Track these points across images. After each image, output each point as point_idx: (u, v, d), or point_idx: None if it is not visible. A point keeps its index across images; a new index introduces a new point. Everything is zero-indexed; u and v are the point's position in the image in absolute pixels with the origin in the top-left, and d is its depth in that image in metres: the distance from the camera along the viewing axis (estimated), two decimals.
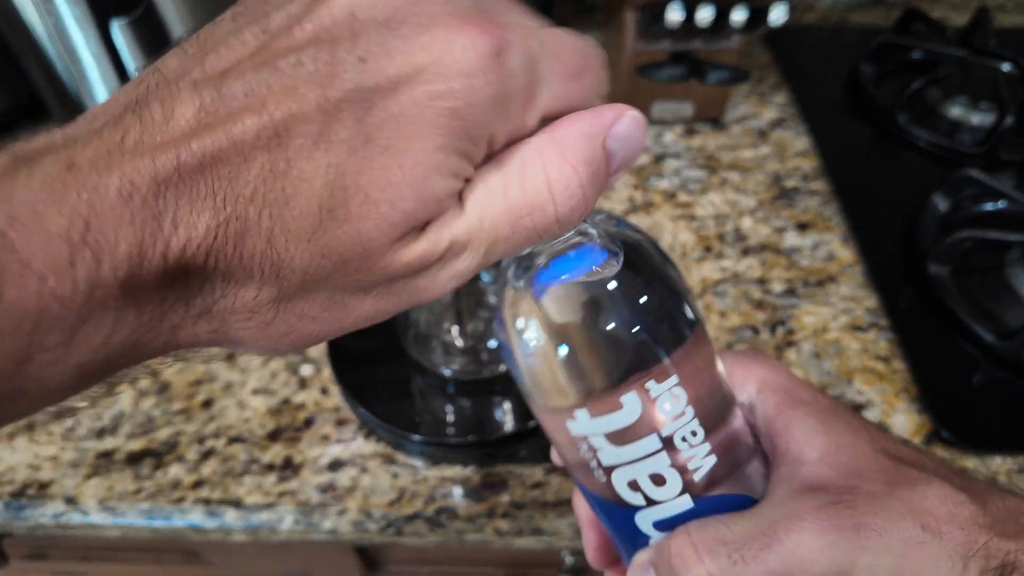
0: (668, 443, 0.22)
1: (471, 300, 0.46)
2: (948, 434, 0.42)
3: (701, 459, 0.22)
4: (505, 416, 0.42)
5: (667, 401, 0.21)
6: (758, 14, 0.54)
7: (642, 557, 0.24)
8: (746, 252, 0.53)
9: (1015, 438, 0.42)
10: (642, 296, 0.21)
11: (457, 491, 0.41)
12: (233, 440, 0.43)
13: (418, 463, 0.42)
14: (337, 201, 0.15)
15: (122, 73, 0.50)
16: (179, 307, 0.15)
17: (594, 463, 0.23)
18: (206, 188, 0.14)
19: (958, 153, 0.60)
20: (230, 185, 0.14)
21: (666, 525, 0.23)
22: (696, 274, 0.52)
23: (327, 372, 0.46)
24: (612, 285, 0.21)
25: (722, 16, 0.54)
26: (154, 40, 0.48)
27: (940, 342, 0.47)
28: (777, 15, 0.53)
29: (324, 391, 0.45)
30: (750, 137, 0.63)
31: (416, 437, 0.41)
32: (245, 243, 0.15)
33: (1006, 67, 0.60)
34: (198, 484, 0.41)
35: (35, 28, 0.49)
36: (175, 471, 0.42)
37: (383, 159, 0.15)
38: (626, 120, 0.18)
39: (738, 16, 0.54)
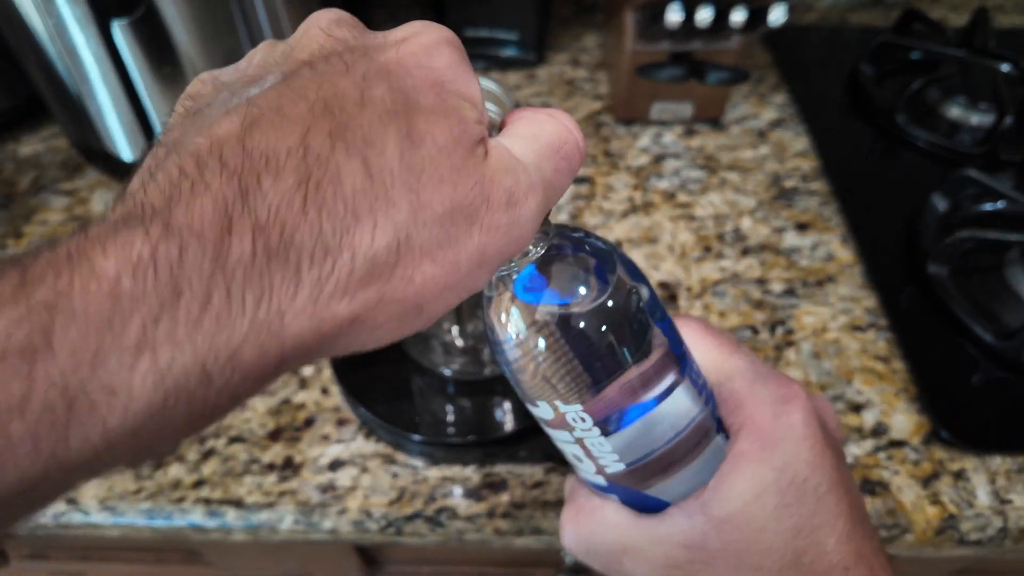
0: (579, 442, 0.24)
1: (471, 300, 0.45)
2: (947, 434, 0.42)
3: (611, 462, 0.24)
4: (505, 416, 0.42)
5: (573, 418, 0.23)
6: (758, 14, 0.54)
7: (566, 488, 0.29)
8: (745, 252, 0.53)
9: (1015, 438, 0.42)
10: (578, 332, 0.21)
11: (457, 491, 0.41)
12: (233, 440, 0.43)
13: (418, 463, 0.42)
14: (407, 128, 0.17)
15: (123, 74, 0.50)
16: (286, 280, 0.15)
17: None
18: (283, 153, 0.15)
19: (958, 153, 0.60)
20: (307, 148, 0.16)
21: (592, 485, 0.26)
22: (696, 274, 0.52)
23: (327, 372, 0.46)
24: (552, 320, 0.22)
25: (722, 16, 0.54)
26: (155, 41, 0.48)
27: (940, 342, 0.47)
28: (776, 15, 0.54)
29: (324, 391, 0.45)
30: (750, 137, 0.63)
31: (416, 437, 0.41)
32: (343, 184, 0.16)
33: (1005, 67, 0.60)
34: (198, 484, 0.41)
35: (35, 28, 0.49)
36: (175, 471, 0.42)
37: (421, 98, 0.17)
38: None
39: (738, 16, 0.54)
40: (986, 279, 0.49)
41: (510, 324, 0.22)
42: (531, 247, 0.21)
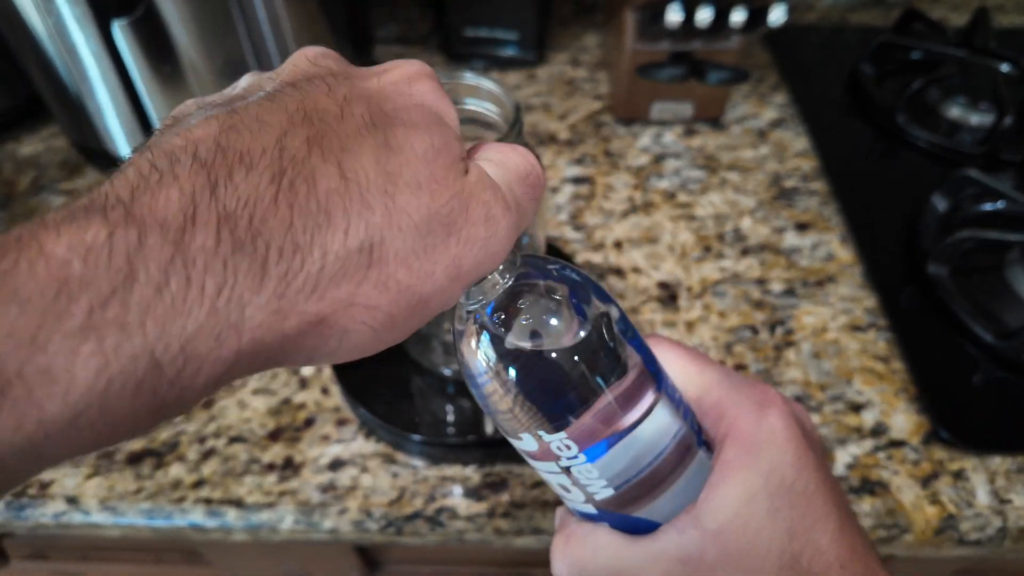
0: (566, 471, 0.23)
1: None
2: (947, 434, 0.42)
3: (599, 488, 0.23)
4: None
5: (559, 447, 0.22)
6: (758, 14, 0.54)
7: (556, 521, 0.28)
8: (746, 252, 0.53)
9: (1015, 438, 0.42)
10: (553, 363, 0.21)
11: (457, 491, 0.41)
12: (234, 440, 0.43)
13: (418, 463, 0.42)
14: (385, 137, 0.17)
15: (123, 73, 0.50)
16: (251, 272, 0.15)
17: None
18: (258, 152, 0.15)
19: (958, 153, 0.60)
20: (283, 149, 0.16)
21: (581, 515, 0.26)
22: (696, 274, 0.52)
23: (327, 372, 0.46)
24: (526, 351, 0.21)
25: (722, 16, 0.54)
26: (155, 40, 0.48)
27: (939, 342, 0.47)
28: (777, 15, 0.53)
29: (324, 391, 0.45)
30: (750, 137, 0.63)
31: (416, 437, 0.41)
32: (317, 184, 0.15)
33: (1006, 67, 0.60)
34: (199, 484, 0.41)
35: (35, 28, 0.49)
36: (176, 471, 0.42)
37: (402, 115, 0.18)
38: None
39: (738, 16, 0.54)
40: (986, 279, 0.49)
41: (481, 358, 0.22)
42: (499, 278, 0.21)
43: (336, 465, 0.42)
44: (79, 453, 0.14)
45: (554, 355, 0.21)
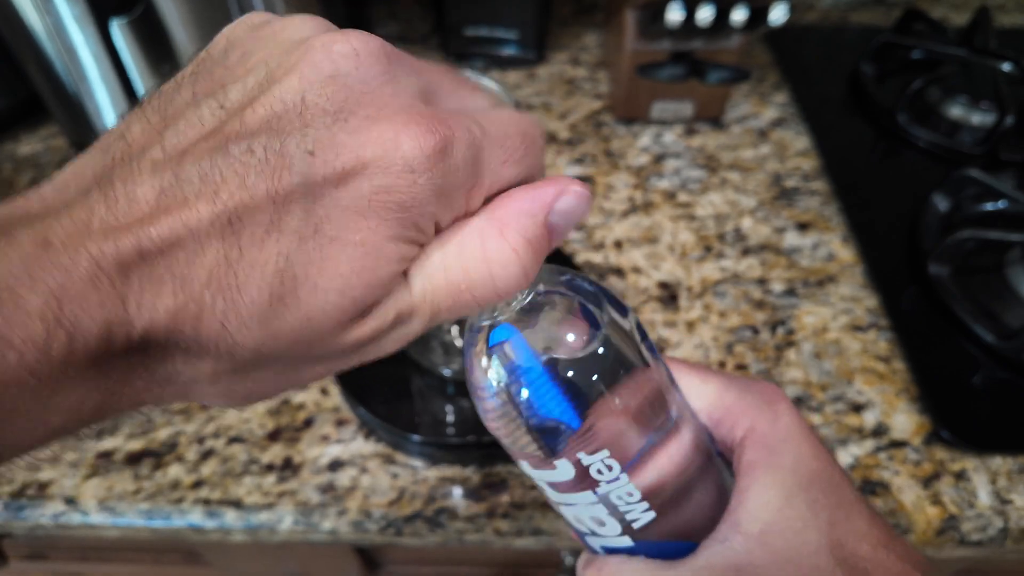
0: (604, 499, 0.22)
1: None
2: (948, 434, 0.42)
3: (639, 513, 0.23)
4: None
5: (599, 469, 0.21)
6: (758, 14, 0.54)
7: (579, 567, 0.26)
8: (746, 252, 0.53)
9: (1015, 438, 0.42)
10: (582, 378, 0.20)
11: (457, 491, 0.41)
12: (233, 440, 0.43)
13: (418, 463, 0.42)
14: (287, 289, 0.15)
15: (122, 73, 0.50)
16: (143, 376, 0.15)
17: (546, 495, 0.24)
18: (166, 272, 0.14)
19: (958, 153, 0.60)
20: (187, 269, 0.15)
21: (611, 551, 0.24)
22: (696, 274, 0.52)
23: None
24: (552, 365, 0.20)
25: (722, 16, 0.54)
26: (153, 40, 0.48)
27: (940, 342, 0.47)
28: (777, 15, 0.53)
29: (324, 391, 0.45)
30: (750, 137, 0.63)
31: (416, 437, 0.41)
32: (201, 324, 0.15)
33: (1006, 67, 0.60)
34: (197, 484, 0.41)
35: (34, 28, 0.49)
36: (175, 471, 0.42)
37: (331, 249, 0.15)
38: (569, 196, 0.18)
39: (738, 16, 0.53)
40: (987, 279, 0.49)
41: (494, 379, 0.21)
42: (515, 294, 0.20)
43: (335, 466, 0.42)
44: None
45: (571, 372, 0.20)
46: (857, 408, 0.44)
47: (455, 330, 0.45)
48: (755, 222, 0.56)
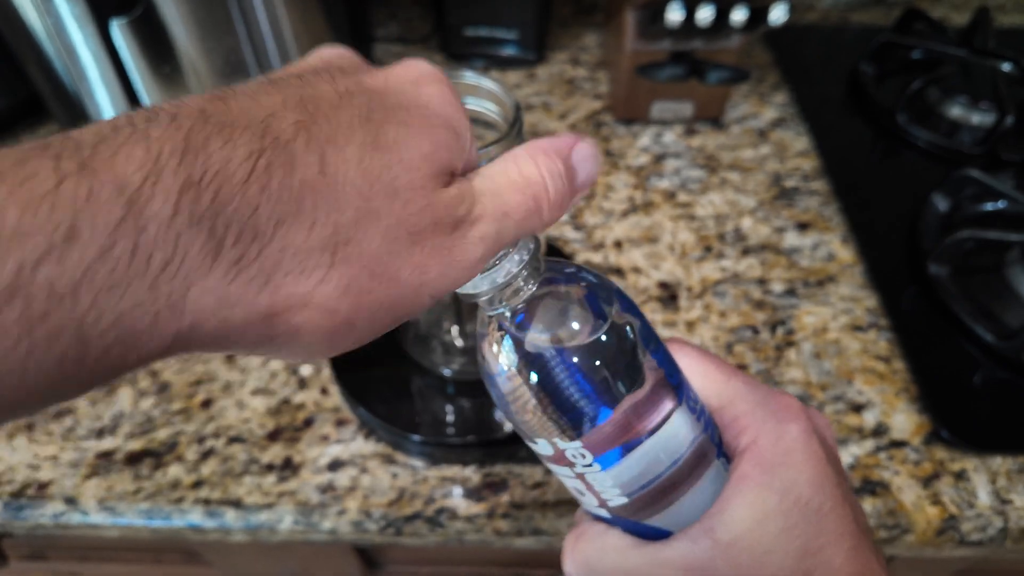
0: (580, 477, 0.23)
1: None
2: (948, 434, 0.42)
3: (613, 496, 0.23)
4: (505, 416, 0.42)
5: (573, 455, 0.22)
6: (758, 14, 0.54)
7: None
8: (746, 252, 0.53)
9: (1015, 438, 0.42)
10: (572, 370, 0.21)
11: (457, 491, 0.41)
12: (233, 440, 0.43)
13: (418, 463, 0.42)
14: (375, 135, 0.17)
15: (122, 73, 0.50)
16: (204, 250, 0.13)
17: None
18: (243, 124, 0.15)
19: (958, 153, 0.60)
20: (267, 128, 0.15)
21: (595, 517, 0.26)
22: (696, 274, 0.52)
23: (327, 372, 0.46)
24: (547, 358, 0.21)
25: (722, 16, 0.54)
26: (154, 40, 0.48)
27: (940, 342, 0.47)
28: (777, 15, 0.53)
29: (324, 391, 0.45)
30: (750, 137, 0.63)
31: (416, 437, 0.41)
32: (294, 172, 0.15)
33: (1006, 67, 0.60)
34: (197, 484, 0.41)
35: (34, 28, 0.49)
36: (174, 471, 0.42)
37: (401, 114, 0.17)
38: (584, 143, 0.21)
39: (738, 16, 0.53)
40: (987, 279, 0.49)
41: (503, 362, 0.22)
42: (523, 284, 0.21)
43: (335, 465, 0.42)
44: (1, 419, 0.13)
45: (573, 362, 0.21)
46: (857, 408, 0.44)
47: (455, 330, 0.45)
48: (755, 222, 0.56)
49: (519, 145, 0.20)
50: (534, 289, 0.21)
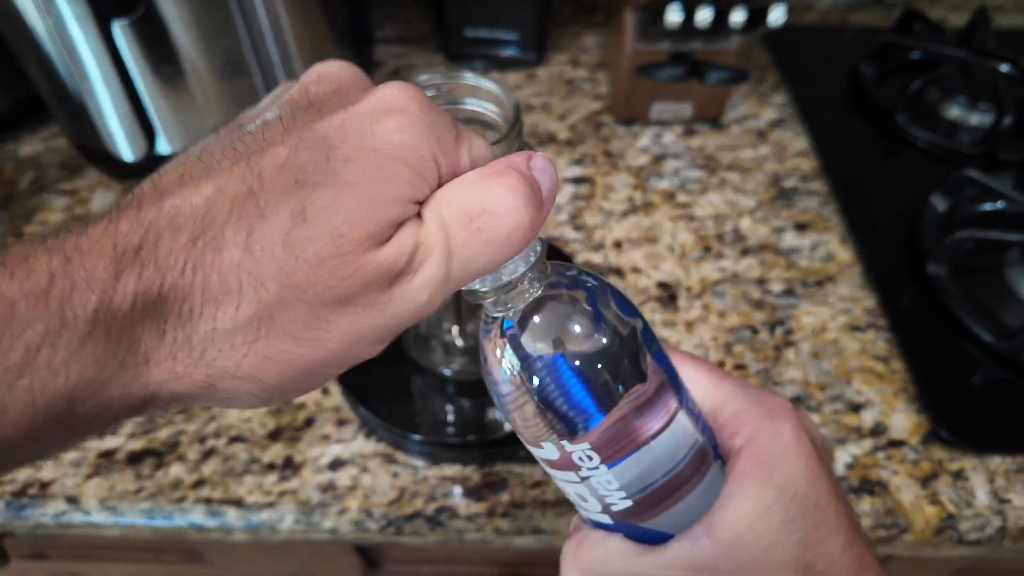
0: (585, 481, 0.23)
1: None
2: (947, 434, 0.42)
3: (617, 499, 0.24)
4: None
5: (580, 457, 0.22)
6: (757, 15, 0.54)
7: (571, 530, 0.28)
8: (745, 252, 0.53)
9: (1014, 438, 0.42)
10: (575, 373, 0.21)
11: (457, 491, 0.41)
12: (234, 440, 0.43)
13: (418, 463, 0.42)
14: (305, 203, 0.17)
15: (123, 73, 0.50)
16: (154, 333, 0.16)
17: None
18: (188, 211, 0.16)
19: (957, 153, 0.60)
20: (208, 210, 0.16)
21: (595, 524, 0.26)
22: (695, 274, 0.52)
23: None
24: (552, 360, 0.21)
25: (721, 17, 0.54)
26: (155, 40, 0.48)
27: (939, 342, 0.47)
28: (776, 16, 0.54)
29: (324, 391, 0.45)
30: (749, 137, 0.63)
31: (416, 437, 0.41)
32: (223, 253, 0.16)
33: (1005, 67, 0.60)
34: (199, 483, 0.41)
35: (35, 28, 0.49)
36: (176, 470, 0.42)
37: (344, 169, 0.17)
38: (538, 157, 0.20)
39: (737, 17, 0.54)
40: (986, 279, 0.49)
41: (506, 365, 0.22)
42: (528, 288, 0.21)
43: (336, 465, 0.42)
44: (2, 471, 0.15)
45: (578, 364, 0.21)
46: (856, 408, 0.44)
47: (455, 330, 0.45)
48: (754, 222, 0.56)
49: (479, 169, 0.19)
50: (539, 291, 0.21)
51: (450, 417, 0.43)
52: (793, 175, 0.60)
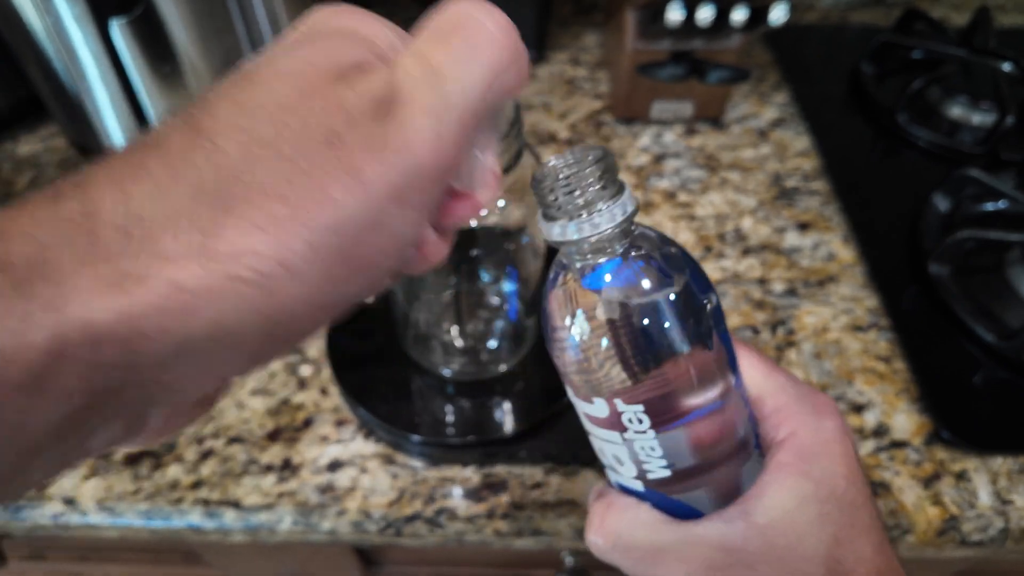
0: (628, 443, 0.23)
1: (471, 300, 0.45)
2: (949, 434, 0.42)
3: (656, 467, 0.24)
4: (505, 416, 0.42)
5: (630, 419, 0.23)
6: (758, 14, 0.54)
7: (591, 497, 0.27)
8: (746, 252, 0.53)
9: (1016, 438, 0.42)
10: (643, 333, 0.21)
11: (457, 491, 0.41)
12: (232, 440, 0.43)
13: (418, 463, 0.42)
14: (252, 70, 0.16)
15: (121, 73, 0.50)
16: (82, 244, 0.14)
17: (581, 419, 0.25)
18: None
19: (959, 153, 0.60)
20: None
21: (624, 490, 0.26)
22: None
23: (326, 372, 0.46)
24: (627, 314, 0.21)
25: (722, 16, 0.54)
26: (153, 40, 0.48)
27: (941, 342, 0.47)
28: (777, 15, 0.53)
29: (323, 391, 0.45)
30: (750, 137, 0.63)
31: (416, 437, 0.41)
32: (169, 140, 0.15)
33: (1006, 67, 0.60)
34: (197, 484, 0.41)
35: (34, 27, 0.49)
36: (174, 471, 0.42)
37: (294, 48, 0.16)
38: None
39: (738, 16, 0.53)
40: (988, 279, 0.49)
41: (580, 316, 0.22)
42: (614, 242, 0.21)
43: (335, 466, 0.42)
44: None
45: (648, 322, 0.21)
46: (858, 408, 0.44)
47: (455, 330, 0.45)
48: (755, 222, 0.56)
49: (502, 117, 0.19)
50: (623, 248, 0.22)
51: (450, 418, 0.42)
52: (794, 175, 0.59)
